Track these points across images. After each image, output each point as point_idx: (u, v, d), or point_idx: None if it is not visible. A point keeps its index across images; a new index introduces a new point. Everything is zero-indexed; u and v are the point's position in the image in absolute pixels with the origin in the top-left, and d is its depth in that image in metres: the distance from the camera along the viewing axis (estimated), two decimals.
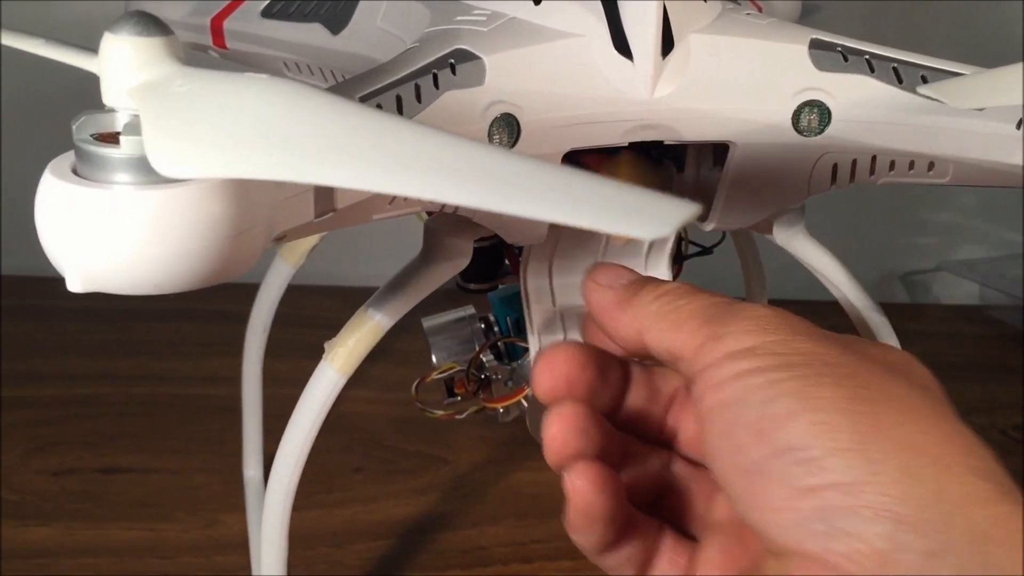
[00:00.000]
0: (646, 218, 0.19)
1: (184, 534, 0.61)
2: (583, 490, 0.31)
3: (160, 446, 0.69)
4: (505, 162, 0.20)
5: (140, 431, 0.70)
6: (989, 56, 0.36)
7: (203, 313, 0.83)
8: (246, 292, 0.61)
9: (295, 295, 0.62)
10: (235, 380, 0.63)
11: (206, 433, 0.70)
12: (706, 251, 0.49)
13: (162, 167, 0.22)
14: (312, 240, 0.56)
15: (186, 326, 0.83)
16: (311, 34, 0.47)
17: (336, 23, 0.46)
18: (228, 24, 0.52)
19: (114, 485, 0.65)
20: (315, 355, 0.43)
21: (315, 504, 0.63)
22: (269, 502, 0.42)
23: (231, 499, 0.64)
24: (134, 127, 0.25)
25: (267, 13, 0.50)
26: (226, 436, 0.67)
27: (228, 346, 0.66)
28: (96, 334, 0.82)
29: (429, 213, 0.42)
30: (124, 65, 0.26)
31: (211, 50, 0.53)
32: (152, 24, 0.26)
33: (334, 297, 0.84)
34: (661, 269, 0.45)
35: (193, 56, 0.50)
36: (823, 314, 0.34)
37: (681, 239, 0.48)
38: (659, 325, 0.31)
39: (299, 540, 0.60)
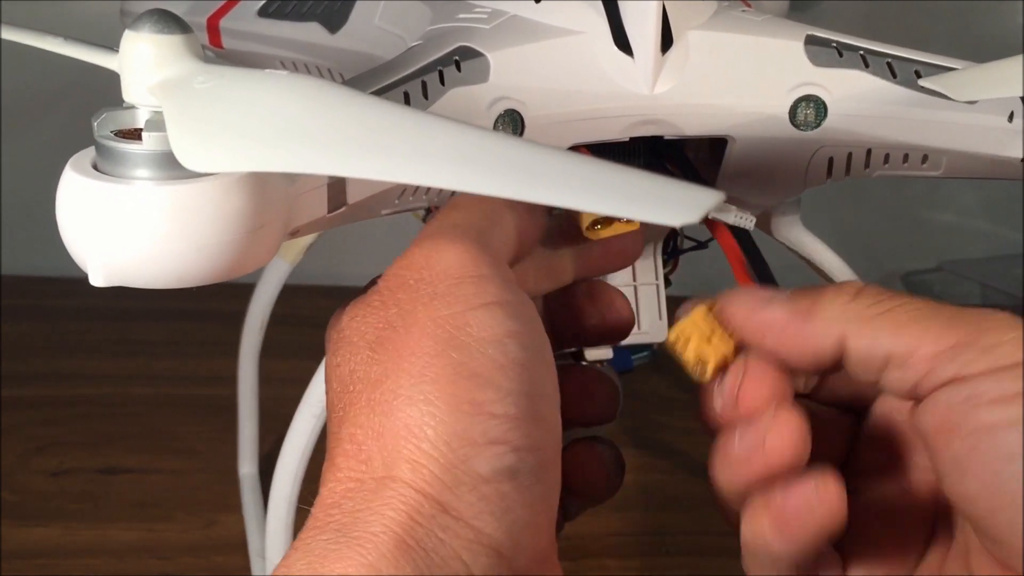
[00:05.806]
0: (672, 205, 0.19)
1: (183, 534, 0.62)
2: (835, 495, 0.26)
3: (160, 446, 0.69)
4: (528, 151, 0.20)
5: (140, 431, 0.70)
6: (989, 55, 0.37)
7: (203, 313, 0.83)
8: (247, 292, 0.61)
9: (294, 295, 0.62)
10: (235, 380, 0.63)
11: (206, 433, 0.70)
12: (701, 245, 0.49)
13: (189, 162, 0.23)
14: (309, 237, 0.56)
15: (186, 326, 0.83)
16: (308, 33, 0.48)
17: (334, 22, 0.47)
18: (224, 23, 0.52)
19: (114, 485, 0.65)
20: (314, 355, 0.43)
21: None
22: (274, 498, 0.42)
23: (230, 499, 0.64)
24: (156, 123, 0.25)
25: (264, 12, 0.50)
26: (226, 436, 0.67)
27: (228, 346, 0.66)
28: (96, 334, 0.82)
29: (428, 212, 0.42)
30: (145, 62, 0.26)
31: (207, 49, 0.54)
32: (172, 22, 0.26)
33: (333, 297, 0.84)
34: (648, 268, 0.45)
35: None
36: None
37: (676, 234, 0.49)
38: (873, 326, 0.27)
39: None
